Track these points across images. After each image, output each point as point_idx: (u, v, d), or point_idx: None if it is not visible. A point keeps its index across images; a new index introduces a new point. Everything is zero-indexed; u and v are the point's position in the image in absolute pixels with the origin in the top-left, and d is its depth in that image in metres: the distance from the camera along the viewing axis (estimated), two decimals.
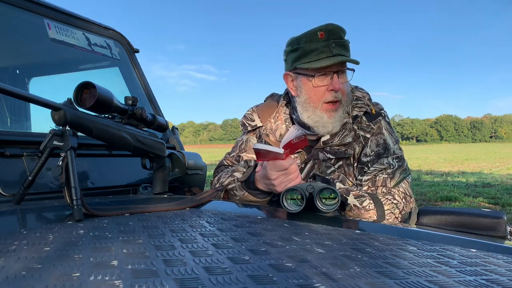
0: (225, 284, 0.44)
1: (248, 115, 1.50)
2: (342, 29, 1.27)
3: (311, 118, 1.31)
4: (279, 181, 1.13)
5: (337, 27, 1.26)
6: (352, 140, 1.31)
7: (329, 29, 1.24)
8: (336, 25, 1.26)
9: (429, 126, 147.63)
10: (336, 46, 1.23)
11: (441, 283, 0.47)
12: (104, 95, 0.99)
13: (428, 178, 9.84)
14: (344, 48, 1.25)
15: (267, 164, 1.13)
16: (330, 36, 1.23)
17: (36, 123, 1.69)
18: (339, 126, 1.31)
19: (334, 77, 1.26)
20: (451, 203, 5.96)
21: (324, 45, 1.23)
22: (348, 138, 1.31)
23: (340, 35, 1.25)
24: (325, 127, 1.30)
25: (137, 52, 1.85)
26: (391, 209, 1.19)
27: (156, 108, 1.76)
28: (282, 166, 1.10)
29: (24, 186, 0.95)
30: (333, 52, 1.23)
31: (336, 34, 1.24)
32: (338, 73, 1.26)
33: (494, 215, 1.07)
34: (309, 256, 0.57)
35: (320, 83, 1.28)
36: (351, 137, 1.31)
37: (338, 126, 1.31)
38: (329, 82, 1.27)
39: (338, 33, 1.25)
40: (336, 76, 1.26)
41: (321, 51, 1.24)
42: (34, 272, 0.47)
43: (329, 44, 1.23)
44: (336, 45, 1.23)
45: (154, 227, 0.75)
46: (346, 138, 1.31)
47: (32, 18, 1.39)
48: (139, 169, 1.29)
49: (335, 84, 1.26)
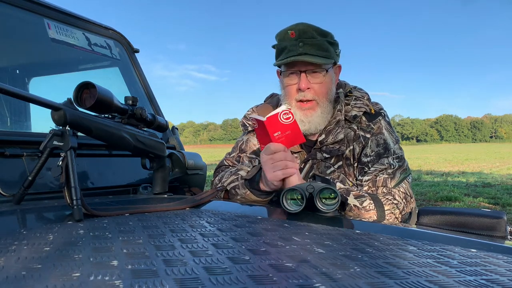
0: (225, 284, 0.44)
1: (248, 115, 1.50)
2: (316, 28, 1.27)
3: None
4: (266, 167, 1.13)
5: (310, 27, 1.26)
6: (344, 136, 1.31)
7: (300, 28, 1.25)
8: (309, 24, 1.27)
9: (429, 126, 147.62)
10: (305, 45, 1.24)
11: (441, 283, 0.46)
12: (104, 95, 0.99)
13: (428, 178, 9.84)
14: (317, 47, 1.25)
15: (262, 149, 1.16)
16: (301, 36, 1.24)
17: (36, 123, 1.69)
18: (322, 125, 1.32)
19: (302, 76, 1.28)
20: (451, 203, 5.96)
21: (293, 44, 1.25)
22: (340, 135, 1.31)
23: (311, 34, 1.25)
24: (302, 126, 1.30)
25: (137, 52, 1.85)
26: (392, 209, 1.19)
27: (156, 108, 1.76)
28: (268, 149, 1.11)
29: (24, 186, 0.95)
30: (299, 51, 1.24)
31: (307, 33, 1.25)
32: (306, 72, 1.27)
33: (494, 215, 1.06)
34: (309, 256, 0.57)
35: (290, 82, 1.31)
36: (343, 133, 1.31)
37: (320, 125, 1.32)
38: (298, 81, 1.29)
39: (310, 33, 1.25)
40: (304, 75, 1.27)
41: (289, 50, 1.26)
42: (34, 272, 0.47)
43: (297, 43, 1.24)
44: (304, 44, 1.24)
45: (154, 227, 0.75)
46: (338, 135, 1.32)
47: (32, 18, 1.39)
48: (139, 169, 1.29)
49: (301, 84, 1.28)
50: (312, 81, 1.29)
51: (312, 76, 1.28)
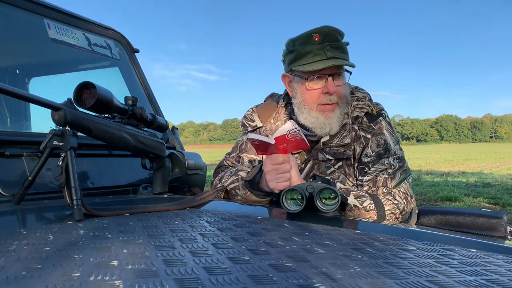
0: (225, 284, 0.44)
1: (248, 115, 1.50)
2: (338, 31, 1.26)
3: (308, 120, 1.31)
4: (270, 176, 1.13)
5: (333, 29, 1.25)
6: (351, 141, 1.31)
7: (325, 31, 1.23)
8: (332, 27, 1.25)
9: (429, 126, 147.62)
10: (331, 48, 1.22)
11: (441, 283, 0.46)
12: (104, 95, 0.99)
13: (428, 178, 9.84)
14: (341, 50, 1.24)
15: (265, 156, 1.14)
16: (326, 39, 1.23)
17: (36, 123, 1.69)
18: (338, 127, 1.31)
19: (329, 80, 1.25)
20: (451, 203, 5.95)
21: (319, 47, 1.23)
22: (347, 139, 1.31)
23: (336, 37, 1.24)
24: (322, 128, 1.29)
25: (137, 52, 1.85)
26: (392, 210, 1.19)
27: (156, 108, 1.76)
28: (276, 159, 1.10)
29: (24, 186, 0.95)
30: (327, 55, 1.22)
31: (332, 36, 1.24)
32: (333, 75, 1.26)
33: (494, 215, 1.06)
34: (309, 256, 0.57)
35: (314, 86, 1.27)
36: (349, 138, 1.31)
37: (337, 127, 1.31)
38: (324, 85, 1.26)
39: (334, 36, 1.24)
40: (331, 79, 1.25)
41: (316, 54, 1.23)
42: (34, 272, 0.47)
43: (324, 47, 1.22)
44: (331, 47, 1.22)
45: (154, 227, 0.75)
46: (345, 139, 1.31)
47: (32, 18, 1.39)
48: (139, 169, 1.29)
49: (329, 88, 1.25)
50: (337, 84, 1.27)
51: (336, 79, 1.27)
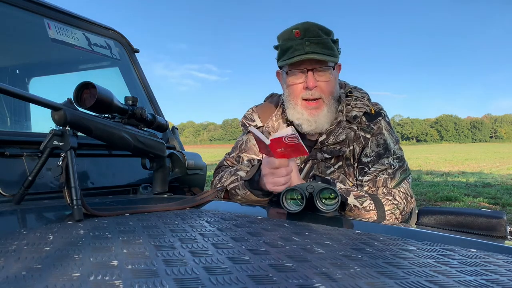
0: (225, 284, 0.44)
1: (248, 115, 1.50)
2: (321, 27, 1.27)
3: (293, 115, 1.33)
4: (267, 179, 1.13)
5: (314, 25, 1.26)
6: (346, 137, 1.31)
7: (305, 27, 1.25)
8: (313, 23, 1.27)
9: (429, 126, 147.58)
10: (311, 44, 1.24)
11: (441, 283, 0.46)
12: (104, 95, 0.99)
13: (428, 178, 9.84)
14: (322, 46, 1.25)
15: (264, 157, 1.15)
16: (306, 34, 1.24)
17: (36, 123, 1.69)
18: (327, 124, 1.32)
19: (309, 75, 1.27)
20: (451, 203, 5.95)
21: (299, 43, 1.25)
22: (341, 136, 1.31)
23: (316, 33, 1.25)
24: (309, 125, 1.30)
25: (137, 52, 1.85)
26: (392, 210, 1.19)
27: (156, 108, 1.76)
28: (272, 163, 1.11)
29: (24, 186, 0.95)
30: (305, 49, 1.24)
31: (312, 32, 1.25)
32: (313, 70, 1.27)
33: (494, 215, 1.06)
34: (309, 256, 0.57)
35: (295, 81, 1.30)
36: (344, 134, 1.31)
37: (326, 124, 1.31)
38: (304, 79, 1.28)
39: (315, 31, 1.25)
40: (311, 74, 1.27)
41: (296, 49, 1.25)
42: (34, 272, 0.47)
43: (303, 42, 1.24)
44: (310, 43, 1.24)
45: (154, 227, 0.75)
46: (340, 136, 1.31)
47: (32, 18, 1.39)
48: (139, 169, 1.29)
49: (308, 82, 1.27)
50: (319, 80, 1.28)
51: (318, 74, 1.28)
